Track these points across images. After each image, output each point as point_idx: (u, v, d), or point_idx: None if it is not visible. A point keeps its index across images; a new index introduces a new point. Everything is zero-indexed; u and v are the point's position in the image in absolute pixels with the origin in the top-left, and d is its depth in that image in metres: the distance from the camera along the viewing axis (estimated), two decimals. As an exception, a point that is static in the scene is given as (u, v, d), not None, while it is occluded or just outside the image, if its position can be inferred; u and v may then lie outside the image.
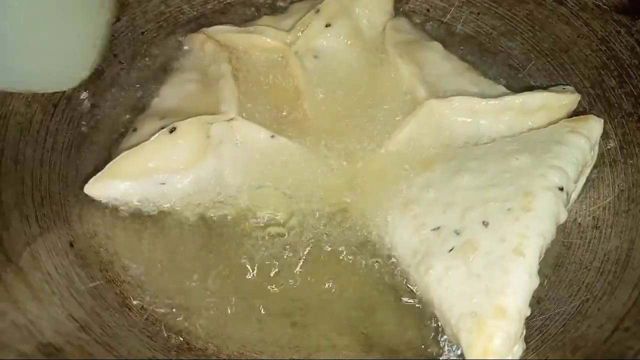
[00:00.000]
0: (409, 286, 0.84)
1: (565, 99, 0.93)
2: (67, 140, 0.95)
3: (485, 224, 0.77)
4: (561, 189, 0.78)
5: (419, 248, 0.82)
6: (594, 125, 0.87)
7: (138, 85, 1.05)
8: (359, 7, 1.06)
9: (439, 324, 0.81)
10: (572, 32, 1.03)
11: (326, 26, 1.02)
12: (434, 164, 0.89)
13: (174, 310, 0.83)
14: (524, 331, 0.72)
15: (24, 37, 0.80)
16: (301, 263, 0.87)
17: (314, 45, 1.02)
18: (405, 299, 0.84)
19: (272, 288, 0.85)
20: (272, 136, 0.91)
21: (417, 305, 0.83)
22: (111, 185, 0.88)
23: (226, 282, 0.86)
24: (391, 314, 0.84)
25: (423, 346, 0.81)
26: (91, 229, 0.88)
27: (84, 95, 0.99)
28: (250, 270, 0.86)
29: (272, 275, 0.86)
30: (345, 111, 0.99)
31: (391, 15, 1.11)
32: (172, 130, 0.86)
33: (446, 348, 0.80)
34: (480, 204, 0.80)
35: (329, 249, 0.88)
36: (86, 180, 0.88)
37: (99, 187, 0.88)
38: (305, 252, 0.88)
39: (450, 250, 0.78)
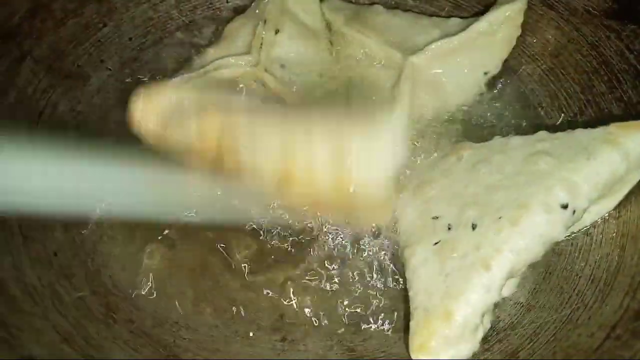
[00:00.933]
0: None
1: (520, 3, 0.98)
2: (52, 148, 0.93)
3: (474, 226, 0.77)
4: (565, 206, 0.75)
5: (416, 232, 0.83)
6: None
7: (126, 92, 1.03)
8: (290, 2, 1.04)
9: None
10: (562, 37, 1.02)
11: (276, 33, 1.01)
12: (464, 149, 0.90)
13: (161, 322, 0.82)
14: (475, 344, 0.73)
15: None
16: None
17: (275, 55, 1.00)
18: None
19: (262, 303, 0.85)
20: None
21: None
22: None
23: (216, 296, 0.85)
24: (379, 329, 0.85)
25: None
26: (77, 239, 0.87)
27: (70, 103, 0.98)
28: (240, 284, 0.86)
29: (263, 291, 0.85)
30: (341, 105, 0.99)
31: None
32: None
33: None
34: (481, 204, 0.79)
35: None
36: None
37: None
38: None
39: (436, 243, 0.79)
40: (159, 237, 0.89)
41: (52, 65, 0.96)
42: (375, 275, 0.88)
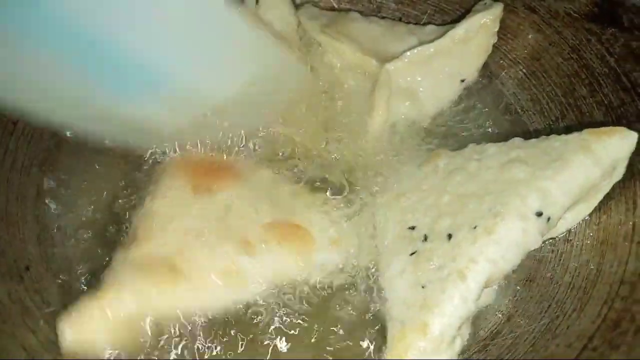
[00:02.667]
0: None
1: (496, 10, 0.99)
2: (27, 158, 0.92)
3: (449, 236, 0.76)
4: (540, 214, 0.74)
5: (392, 243, 0.83)
6: (617, 142, 0.78)
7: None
8: (262, 10, 1.03)
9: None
10: (544, 40, 1.02)
11: None
12: (439, 158, 0.89)
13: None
14: (453, 356, 0.72)
15: None
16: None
17: None
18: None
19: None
20: None
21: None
22: None
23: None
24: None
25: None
26: (49, 252, 0.86)
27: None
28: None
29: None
30: (319, 118, 1.00)
31: (294, 8, 1.08)
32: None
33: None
34: (455, 213, 0.79)
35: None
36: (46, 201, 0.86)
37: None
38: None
39: (412, 254, 0.78)
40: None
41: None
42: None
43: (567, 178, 0.76)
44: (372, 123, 0.96)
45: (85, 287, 0.84)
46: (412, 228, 0.81)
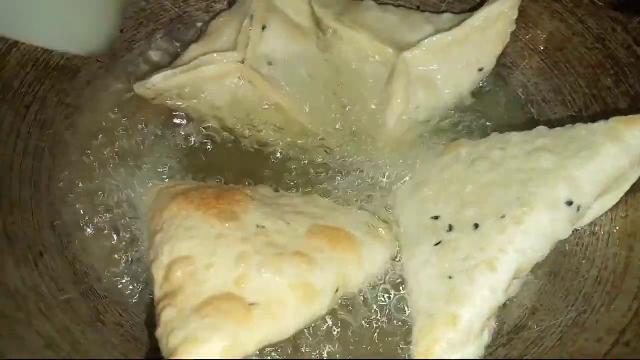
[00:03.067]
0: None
1: None
2: (40, 143, 0.91)
3: (476, 226, 0.75)
4: (570, 203, 0.73)
5: (415, 234, 0.81)
6: None
7: (117, 86, 1.00)
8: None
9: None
10: (567, 30, 0.99)
11: (263, 29, 0.97)
12: (462, 147, 0.88)
13: (152, 327, 0.79)
14: (481, 348, 0.71)
15: None
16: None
17: (261, 53, 0.96)
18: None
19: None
20: None
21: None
22: None
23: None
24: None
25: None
26: (64, 239, 0.84)
27: (58, 96, 0.94)
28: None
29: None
30: (333, 104, 0.98)
31: None
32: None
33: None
34: (481, 202, 0.77)
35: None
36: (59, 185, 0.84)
37: None
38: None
39: (437, 244, 0.77)
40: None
41: (40, 58, 0.93)
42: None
43: (597, 167, 0.74)
44: (389, 112, 0.95)
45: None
46: (436, 218, 0.80)
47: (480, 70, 1.01)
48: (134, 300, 0.82)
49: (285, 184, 0.94)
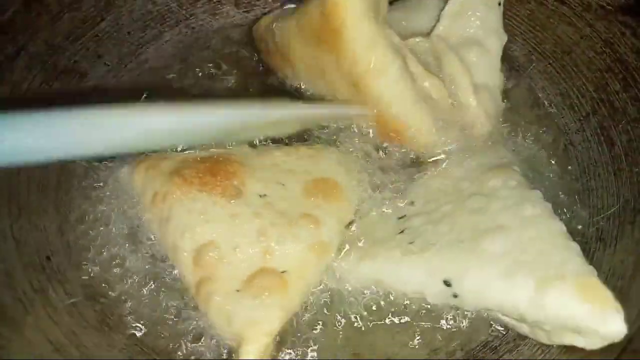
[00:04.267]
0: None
1: None
2: (47, 146, 0.90)
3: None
4: (448, 284, 0.74)
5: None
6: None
7: (124, 89, 1.00)
8: None
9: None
10: (575, 34, 0.99)
11: None
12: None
13: (158, 330, 0.79)
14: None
15: None
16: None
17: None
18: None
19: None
20: None
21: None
22: None
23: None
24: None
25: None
26: (72, 242, 0.84)
27: (66, 99, 0.95)
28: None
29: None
30: None
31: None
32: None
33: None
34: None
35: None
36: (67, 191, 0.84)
37: None
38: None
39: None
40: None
41: (48, 61, 0.93)
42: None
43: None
44: (461, 87, 0.93)
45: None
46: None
47: (500, 4, 1.00)
48: (140, 303, 0.82)
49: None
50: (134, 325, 0.80)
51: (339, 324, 0.81)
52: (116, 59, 1.03)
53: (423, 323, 0.81)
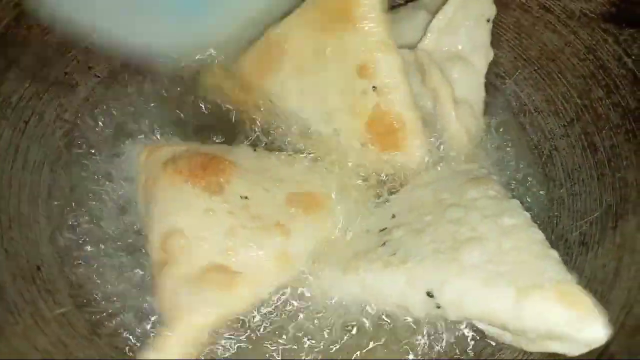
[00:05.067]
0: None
1: None
2: (39, 158, 0.92)
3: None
4: (430, 295, 0.74)
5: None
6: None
7: (115, 102, 1.01)
8: None
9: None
10: (559, 41, 1.00)
11: None
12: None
13: (149, 342, 0.80)
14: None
15: None
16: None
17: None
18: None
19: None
20: None
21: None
22: None
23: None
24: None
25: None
26: (62, 252, 0.85)
27: (57, 111, 0.96)
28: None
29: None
30: None
31: None
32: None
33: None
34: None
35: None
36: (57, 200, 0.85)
37: None
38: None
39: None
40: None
41: (39, 74, 0.94)
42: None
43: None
44: (442, 102, 0.94)
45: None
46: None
47: (488, 20, 1.01)
48: (130, 314, 0.83)
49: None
50: (124, 336, 0.81)
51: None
52: (106, 71, 1.03)
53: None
